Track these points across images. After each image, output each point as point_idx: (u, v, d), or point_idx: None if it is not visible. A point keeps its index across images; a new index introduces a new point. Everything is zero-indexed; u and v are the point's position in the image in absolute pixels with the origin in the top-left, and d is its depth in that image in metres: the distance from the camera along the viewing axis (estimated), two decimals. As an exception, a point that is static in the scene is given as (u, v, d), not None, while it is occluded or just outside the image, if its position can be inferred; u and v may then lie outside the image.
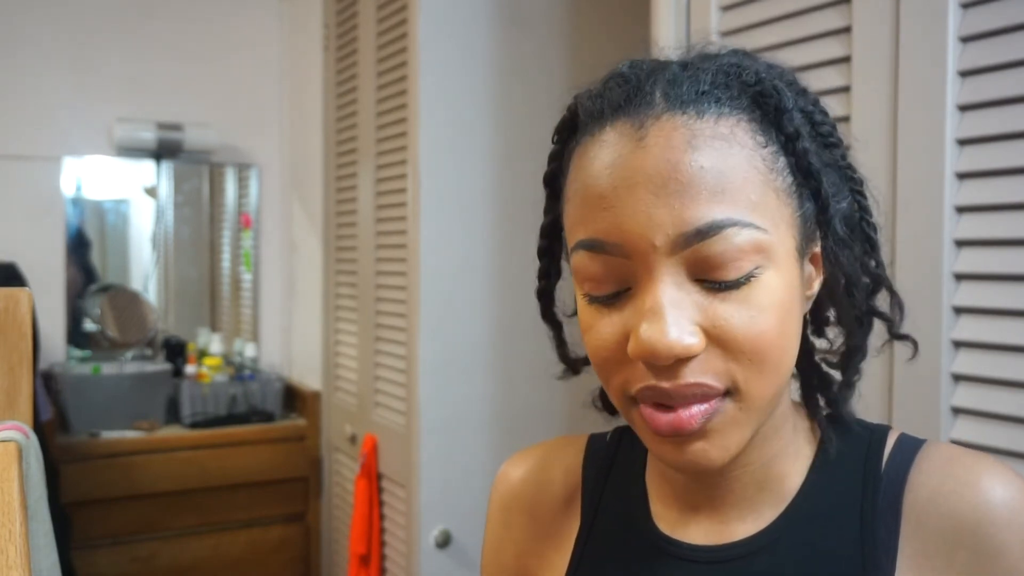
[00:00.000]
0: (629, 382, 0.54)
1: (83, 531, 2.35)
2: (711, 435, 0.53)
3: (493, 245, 2.03)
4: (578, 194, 0.55)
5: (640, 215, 0.51)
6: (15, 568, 0.61)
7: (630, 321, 0.53)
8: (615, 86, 0.56)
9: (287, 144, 2.98)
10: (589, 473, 0.70)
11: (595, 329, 0.55)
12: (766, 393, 0.53)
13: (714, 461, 0.53)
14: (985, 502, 0.54)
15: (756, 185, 0.52)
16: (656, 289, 0.51)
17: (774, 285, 0.52)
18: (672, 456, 0.54)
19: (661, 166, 0.51)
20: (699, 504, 0.62)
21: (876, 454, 0.59)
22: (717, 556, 0.60)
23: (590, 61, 2.09)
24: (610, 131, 0.54)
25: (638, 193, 0.51)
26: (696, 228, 0.50)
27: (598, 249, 0.53)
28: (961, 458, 0.57)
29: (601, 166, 0.53)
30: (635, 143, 0.52)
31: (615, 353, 0.54)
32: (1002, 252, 0.91)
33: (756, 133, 0.54)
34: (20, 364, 0.83)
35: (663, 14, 1.29)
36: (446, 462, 1.98)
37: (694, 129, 0.52)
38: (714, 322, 0.51)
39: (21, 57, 2.65)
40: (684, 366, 0.51)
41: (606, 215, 0.52)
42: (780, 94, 0.55)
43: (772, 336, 0.52)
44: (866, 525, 0.57)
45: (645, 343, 0.50)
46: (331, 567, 2.69)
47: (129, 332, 2.82)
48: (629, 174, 0.52)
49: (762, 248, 0.52)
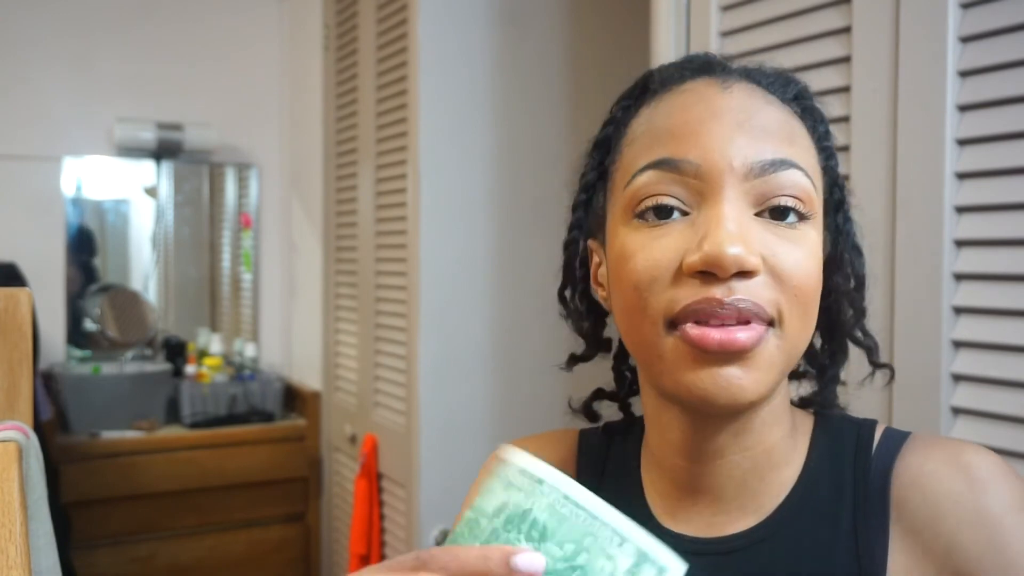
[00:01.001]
0: (675, 301, 0.54)
1: (83, 531, 2.35)
2: (749, 363, 0.54)
3: (493, 245, 2.03)
4: (651, 130, 0.59)
5: (724, 139, 0.55)
6: (15, 568, 0.62)
7: (689, 240, 0.55)
8: (696, 59, 0.62)
9: (287, 144, 2.98)
10: (583, 466, 0.70)
11: (646, 249, 0.56)
12: (800, 337, 0.57)
13: (746, 391, 0.54)
14: (964, 475, 0.56)
15: (813, 157, 0.59)
16: (727, 207, 0.54)
17: (816, 242, 0.57)
18: (707, 382, 0.54)
19: (746, 105, 0.57)
20: (699, 494, 0.62)
21: (865, 447, 0.61)
22: (716, 548, 0.60)
23: (590, 61, 2.09)
24: (692, 84, 0.59)
25: (724, 121, 0.56)
26: (772, 159, 0.55)
27: (672, 167, 0.56)
28: (942, 442, 0.60)
29: (685, 103, 0.58)
30: (721, 89, 0.58)
31: (665, 272, 0.55)
32: (1002, 252, 0.91)
33: (808, 132, 0.60)
34: (20, 364, 0.83)
35: (663, 14, 1.29)
36: (446, 462, 1.98)
37: (769, 97, 0.59)
38: (772, 251, 0.54)
39: (21, 57, 2.65)
40: (740, 282, 0.53)
41: (687, 138, 0.56)
42: (821, 111, 0.61)
43: (813, 281, 0.56)
44: (859, 515, 0.58)
45: (713, 250, 0.52)
46: (331, 567, 2.69)
47: (129, 332, 2.82)
48: (715, 108, 0.57)
49: (813, 202, 0.57)
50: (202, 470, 2.54)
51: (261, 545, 2.65)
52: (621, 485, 0.68)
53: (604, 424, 0.73)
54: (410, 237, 1.98)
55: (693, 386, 0.54)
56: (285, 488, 2.68)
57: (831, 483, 0.60)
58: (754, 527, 0.60)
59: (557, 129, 2.06)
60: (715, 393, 0.54)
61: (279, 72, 2.98)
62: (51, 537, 0.82)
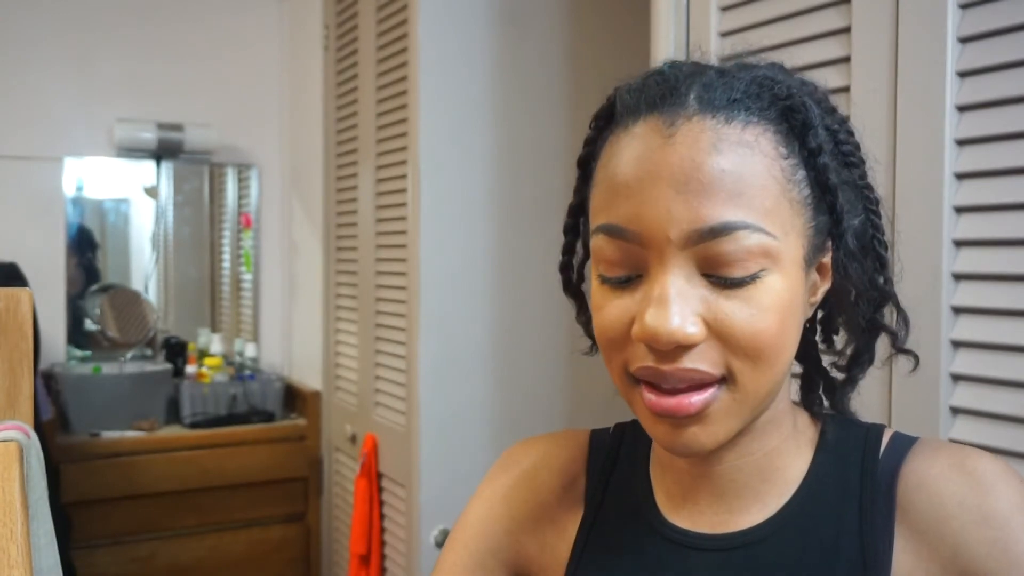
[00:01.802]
0: (630, 361, 0.57)
1: (83, 531, 2.35)
2: (705, 421, 0.56)
3: (493, 245, 2.03)
4: (605, 180, 0.58)
5: (660, 207, 0.54)
6: (16, 567, 0.62)
7: (637, 306, 0.56)
8: (653, 84, 0.59)
9: (287, 144, 2.98)
10: (593, 464, 0.71)
11: (605, 309, 0.58)
12: (760, 387, 0.56)
13: (704, 445, 0.57)
14: (969, 477, 0.57)
15: (772, 193, 0.55)
16: (666, 279, 0.54)
17: (777, 288, 0.55)
18: (666, 437, 0.57)
19: (685, 164, 0.54)
20: (703, 495, 0.63)
21: (873, 449, 0.62)
22: (722, 544, 0.61)
23: (590, 61, 2.09)
24: (642, 125, 0.57)
25: (660, 186, 0.54)
26: (710, 226, 0.53)
27: (616, 234, 0.56)
28: (948, 447, 0.60)
29: (630, 157, 0.56)
30: (664, 139, 0.55)
31: (621, 334, 0.57)
32: (1001, 252, 0.92)
33: (780, 144, 0.56)
34: (21, 364, 0.83)
35: (663, 14, 1.29)
36: (446, 462, 1.98)
37: (721, 133, 0.55)
38: (716, 315, 0.54)
39: (21, 57, 2.65)
40: (683, 353, 0.54)
41: (628, 203, 0.55)
42: (808, 110, 0.58)
43: (770, 335, 0.55)
44: (864, 515, 0.59)
45: (649, 327, 0.54)
46: (331, 567, 2.69)
47: (129, 332, 2.82)
48: (654, 167, 0.55)
49: (769, 253, 0.54)
50: (202, 470, 2.54)
51: (261, 545, 2.65)
52: (630, 483, 0.69)
53: (616, 424, 0.74)
54: (410, 237, 1.99)
55: (657, 436, 0.58)
56: (285, 488, 2.68)
57: (837, 484, 0.61)
58: (759, 524, 0.61)
59: (557, 129, 2.06)
60: (675, 447, 0.57)
61: (279, 72, 2.98)
62: (52, 536, 0.82)
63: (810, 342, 0.68)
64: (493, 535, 0.71)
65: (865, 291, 0.62)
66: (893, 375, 0.99)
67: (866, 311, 0.62)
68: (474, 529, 0.72)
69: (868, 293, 0.62)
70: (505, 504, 0.72)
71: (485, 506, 0.73)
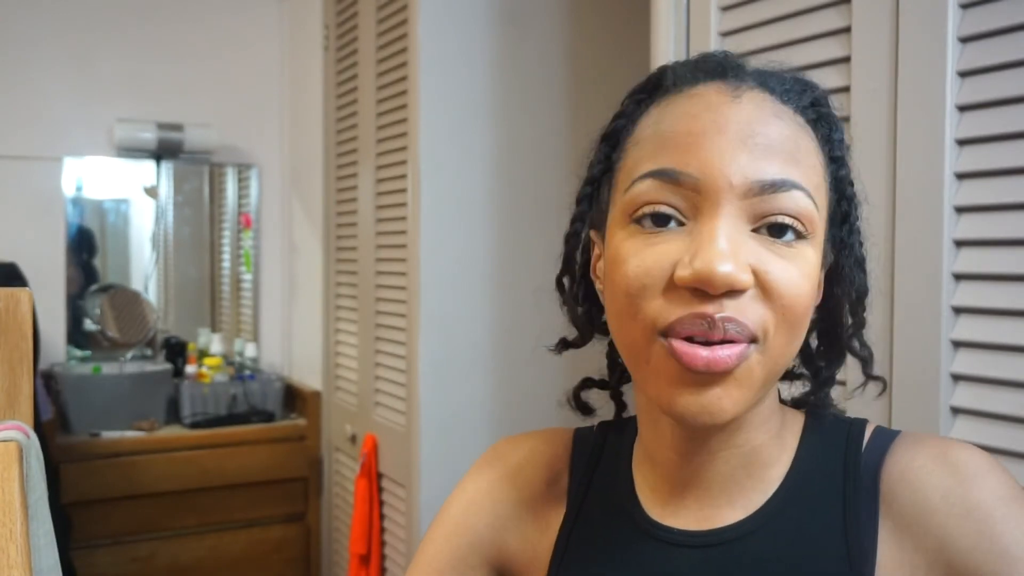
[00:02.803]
0: (665, 312, 0.54)
1: (83, 531, 2.35)
2: (730, 382, 0.54)
3: (493, 245, 2.03)
4: (657, 134, 0.58)
5: (725, 154, 0.55)
6: (16, 567, 0.62)
7: (683, 251, 0.54)
8: (711, 59, 0.61)
9: (287, 144, 2.98)
10: (577, 462, 0.71)
11: (639, 256, 0.56)
12: (785, 354, 0.56)
13: (725, 411, 0.55)
14: (953, 470, 0.57)
15: (818, 174, 0.58)
16: (721, 223, 0.54)
17: (812, 261, 0.57)
18: (686, 401, 0.55)
19: (753, 120, 0.56)
20: (688, 489, 0.63)
21: (856, 444, 0.62)
22: (706, 540, 0.61)
23: (590, 61, 2.09)
24: (703, 88, 0.58)
25: (726, 136, 0.55)
26: (772, 180, 0.55)
27: (671, 177, 0.56)
28: (930, 439, 0.61)
29: (691, 111, 0.57)
30: (731, 98, 0.57)
31: (656, 281, 0.55)
32: (1002, 252, 0.92)
33: (817, 140, 0.59)
34: (20, 364, 0.83)
35: (663, 14, 1.29)
36: (446, 462, 1.98)
37: (779, 109, 0.58)
38: (765, 268, 0.54)
39: (21, 57, 2.65)
40: (729, 300, 0.53)
41: (690, 149, 0.55)
42: (837, 121, 0.61)
43: (804, 300, 0.56)
44: (848, 509, 0.59)
45: (704, 268, 0.52)
46: (331, 567, 2.69)
47: (129, 332, 2.82)
48: (721, 119, 0.56)
49: (813, 223, 0.56)
50: (202, 470, 2.54)
51: (261, 545, 2.65)
52: (612, 479, 0.69)
53: (599, 422, 0.74)
54: (410, 237, 1.99)
55: (675, 404, 0.55)
56: (285, 488, 2.68)
57: (820, 478, 0.61)
58: (743, 520, 0.61)
59: (557, 129, 2.06)
60: (695, 414, 0.55)
61: (279, 72, 2.98)
62: (51, 537, 0.82)
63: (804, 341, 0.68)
64: (474, 529, 0.71)
65: (864, 293, 0.63)
66: (893, 375, 0.99)
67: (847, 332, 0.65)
68: (456, 522, 0.71)
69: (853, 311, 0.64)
70: (488, 498, 0.72)
71: (468, 500, 0.72)
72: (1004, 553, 0.54)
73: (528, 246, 2.04)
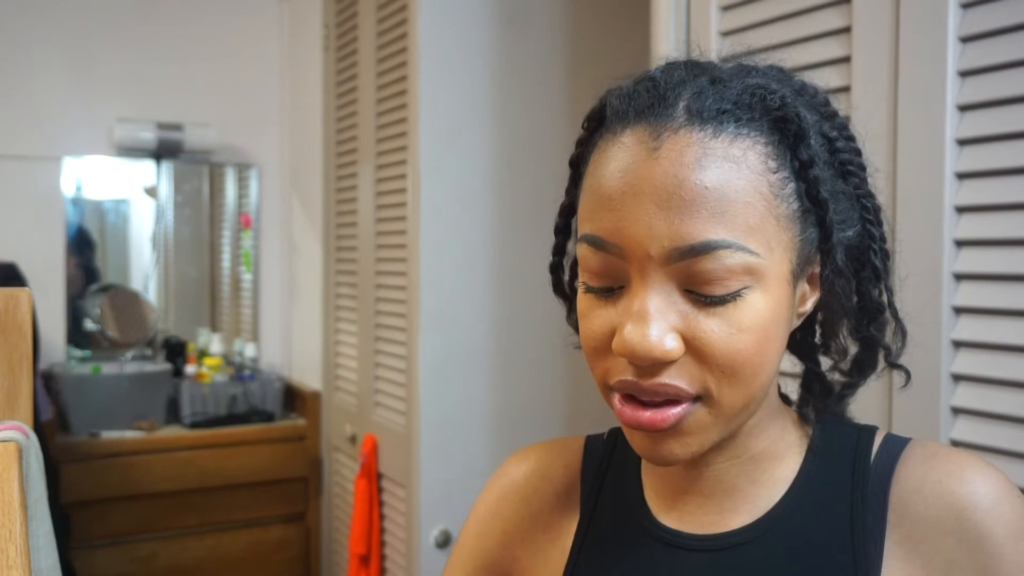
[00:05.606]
0: (610, 372, 0.57)
1: (83, 531, 2.35)
2: (680, 435, 0.56)
3: (493, 245, 2.03)
4: (591, 189, 0.58)
5: (641, 223, 0.53)
6: (15, 568, 0.62)
7: (618, 318, 0.56)
8: (643, 91, 0.58)
9: (287, 144, 2.98)
10: (588, 470, 0.72)
11: (588, 318, 0.58)
12: (736, 403, 0.56)
13: (678, 457, 0.57)
14: (968, 492, 0.57)
15: (757, 210, 0.54)
16: (645, 294, 0.54)
17: (759, 306, 0.54)
18: (642, 447, 0.58)
19: (668, 180, 0.53)
20: (692, 496, 0.64)
21: (865, 450, 0.62)
22: (713, 544, 0.62)
23: (590, 60, 2.09)
24: (629, 135, 0.56)
25: (642, 202, 0.54)
26: (691, 245, 0.53)
27: (599, 246, 0.56)
28: (946, 453, 0.60)
29: (615, 168, 0.56)
30: (648, 152, 0.54)
31: (602, 343, 0.57)
32: (1002, 252, 0.91)
33: (769, 157, 0.55)
34: (20, 364, 0.83)
35: (663, 14, 1.29)
36: (446, 462, 1.98)
37: (707, 148, 0.54)
38: (695, 333, 0.54)
39: (21, 57, 2.65)
40: (662, 368, 0.54)
41: (611, 216, 0.55)
42: (801, 121, 0.56)
43: (747, 354, 0.54)
44: (856, 516, 0.59)
45: (627, 342, 0.54)
46: (331, 567, 2.69)
47: (129, 332, 2.82)
48: (637, 182, 0.54)
49: (752, 271, 0.54)
50: (202, 470, 2.54)
51: (261, 545, 2.65)
52: (622, 485, 0.69)
53: (611, 429, 0.75)
54: (410, 237, 1.98)
55: (634, 444, 0.59)
56: (285, 488, 2.68)
57: (828, 485, 0.61)
58: (748, 525, 0.61)
59: (557, 129, 2.06)
60: (651, 457, 0.58)
61: (279, 72, 2.98)
62: (51, 537, 0.82)
63: (811, 344, 0.68)
64: (488, 551, 0.73)
65: (850, 306, 0.61)
66: (893, 375, 0.99)
67: (860, 322, 0.62)
68: (469, 547, 0.74)
69: (859, 305, 0.62)
70: (497, 518, 0.73)
71: (479, 523, 0.74)
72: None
73: (528, 246, 2.04)
